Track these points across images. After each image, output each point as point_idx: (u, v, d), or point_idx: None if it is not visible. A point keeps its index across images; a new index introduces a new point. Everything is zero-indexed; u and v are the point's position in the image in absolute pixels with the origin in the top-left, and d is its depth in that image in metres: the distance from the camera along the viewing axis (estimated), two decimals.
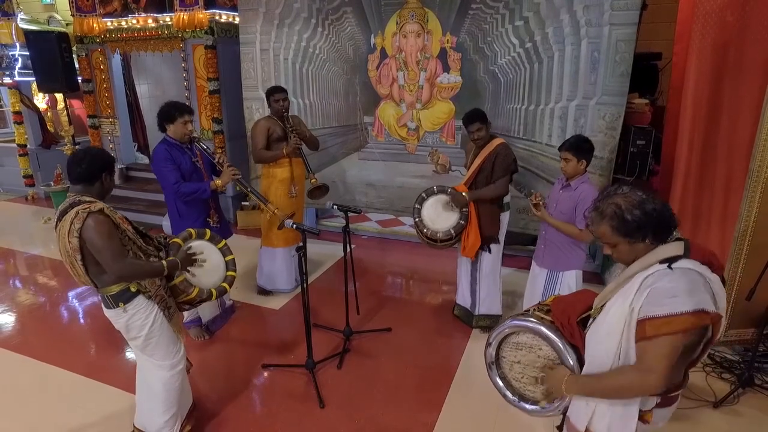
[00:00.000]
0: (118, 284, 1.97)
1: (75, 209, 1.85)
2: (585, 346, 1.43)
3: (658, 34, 4.19)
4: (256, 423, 2.55)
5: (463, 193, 3.04)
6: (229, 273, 2.39)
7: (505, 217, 3.17)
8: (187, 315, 3.29)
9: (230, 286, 2.36)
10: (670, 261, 1.28)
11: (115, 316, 2.04)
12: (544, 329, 1.49)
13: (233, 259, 2.44)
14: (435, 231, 3.05)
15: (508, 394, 1.62)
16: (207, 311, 3.32)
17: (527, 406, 1.58)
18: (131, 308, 2.01)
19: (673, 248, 1.31)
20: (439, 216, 3.09)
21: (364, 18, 4.15)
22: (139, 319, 2.03)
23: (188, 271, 2.19)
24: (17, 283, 4.33)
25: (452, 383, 2.81)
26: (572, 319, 1.48)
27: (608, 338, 1.32)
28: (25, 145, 6.56)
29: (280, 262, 3.77)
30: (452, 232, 3.02)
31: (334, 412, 2.60)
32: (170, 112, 2.83)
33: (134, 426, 2.36)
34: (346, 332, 3.17)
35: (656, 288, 1.24)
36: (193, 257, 2.20)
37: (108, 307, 2.03)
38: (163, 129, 2.91)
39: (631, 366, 1.29)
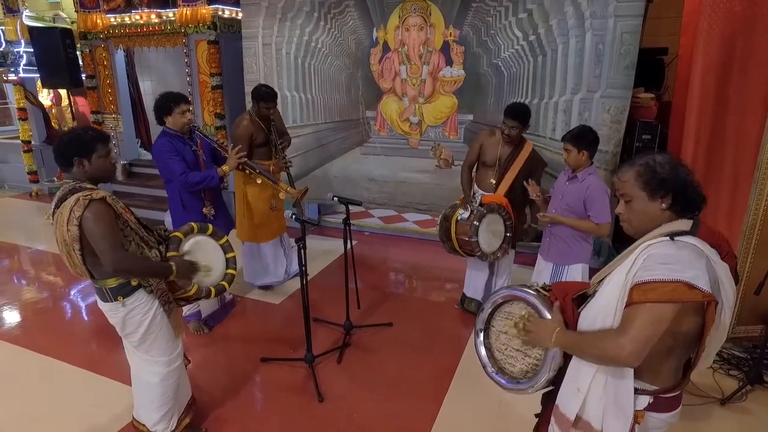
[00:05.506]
0: (117, 277, 1.90)
1: (75, 195, 1.76)
2: (578, 324, 1.37)
3: (665, 28, 4.13)
4: (253, 416, 2.53)
5: (533, 225, 3.05)
6: (229, 271, 2.30)
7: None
8: (186, 309, 3.26)
9: (229, 284, 2.28)
10: (674, 234, 1.23)
11: (112, 310, 1.95)
12: (534, 299, 1.44)
13: (234, 257, 2.34)
14: (495, 253, 3.01)
15: (489, 365, 1.57)
16: (206, 305, 3.30)
17: (503, 381, 1.53)
18: (130, 303, 1.93)
19: (681, 224, 1.27)
20: (492, 236, 2.99)
21: (367, 11, 4.12)
22: (138, 314, 1.95)
23: (189, 278, 2.10)
24: (21, 278, 4.33)
25: (453, 377, 2.77)
26: (568, 296, 1.43)
27: (604, 311, 1.27)
28: (30, 142, 6.58)
29: (265, 256, 3.72)
30: (505, 246, 3.01)
31: (332, 407, 2.57)
32: (166, 104, 2.79)
33: (133, 417, 2.33)
34: (346, 326, 3.14)
35: (651, 255, 1.20)
36: (194, 266, 2.09)
37: (105, 300, 1.95)
38: (161, 122, 2.87)
39: (613, 330, 1.24)
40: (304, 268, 2.61)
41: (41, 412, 2.57)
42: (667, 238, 1.23)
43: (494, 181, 3.01)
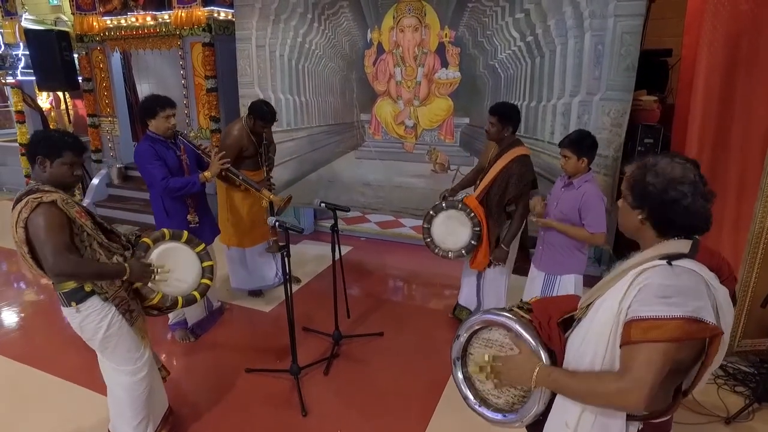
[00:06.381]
0: (71, 281, 1.85)
1: (27, 197, 1.74)
2: (566, 351, 1.25)
3: (669, 30, 4.01)
4: (233, 430, 2.43)
5: (502, 247, 2.85)
6: (204, 281, 2.18)
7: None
8: (172, 317, 3.19)
9: (202, 295, 2.18)
10: (670, 258, 1.10)
11: (69, 316, 1.92)
12: (517, 326, 1.30)
13: (211, 266, 2.23)
14: (446, 250, 2.93)
15: (470, 396, 1.44)
16: (193, 313, 3.21)
17: (488, 414, 1.39)
18: (84, 309, 1.88)
19: (679, 245, 1.13)
20: (451, 233, 2.90)
21: (361, 12, 4.03)
22: (93, 322, 1.90)
23: (147, 284, 2.00)
24: (19, 284, 4.29)
25: (443, 393, 2.65)
26: (553, 321, 1.30)
27: (596, 341, 1.14)
28: (27, 145, 6.56)
29: (252, 261, 3.63)
30: (463, 252, 2.90)
31: (316, 421, 2.47)
32: (151, 107, 2.72)
33: (108, 430, 2.25)
34: (335, 336, 3.04)
35: (648, 285, 1.07)
36: (150, 270, 1.97)
37: (62, 304, 1.92)
38: (145, 124, 2.80)
39: (612, 373, 1.11)
40: (288, 277, 2.52)
41: (16, 423, 2.49)
42: (664, 262, 1.10)
43: (479, 183, 2.94)
